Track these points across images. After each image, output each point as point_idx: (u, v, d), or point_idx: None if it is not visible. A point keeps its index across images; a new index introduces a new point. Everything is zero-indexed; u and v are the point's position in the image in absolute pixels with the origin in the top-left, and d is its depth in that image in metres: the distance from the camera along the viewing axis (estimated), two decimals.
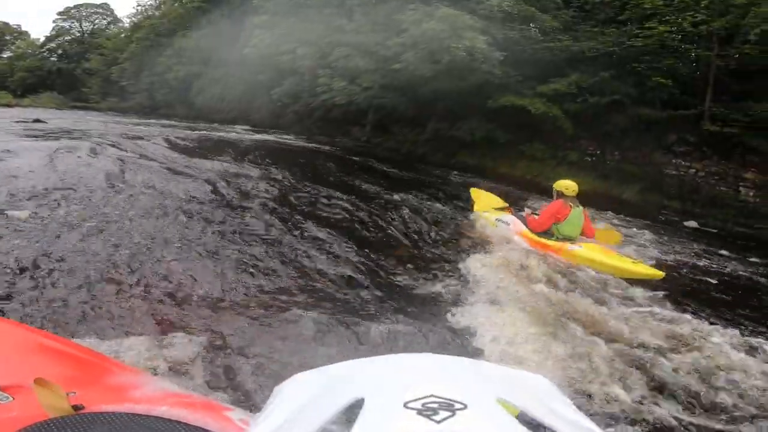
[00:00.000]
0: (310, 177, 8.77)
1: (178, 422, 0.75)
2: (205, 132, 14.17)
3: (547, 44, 12.21)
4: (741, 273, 6.01)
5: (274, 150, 12.38)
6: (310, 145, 15.06)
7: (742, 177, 10.59)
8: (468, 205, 7.32)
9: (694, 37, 10.63)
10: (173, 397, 0.82)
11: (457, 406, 0.41)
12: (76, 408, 0.77)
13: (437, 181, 11.08)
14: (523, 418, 0.42)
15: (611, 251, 4.92)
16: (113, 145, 8.59)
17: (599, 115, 11.66)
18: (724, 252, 7.22)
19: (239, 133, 16.68)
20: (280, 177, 8.04)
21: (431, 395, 0.43)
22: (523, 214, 5.78)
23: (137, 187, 5.97)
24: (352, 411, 0.43)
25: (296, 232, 5.10)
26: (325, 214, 6.10)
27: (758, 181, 10.38)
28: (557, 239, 5.11)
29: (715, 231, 9.88)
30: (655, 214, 10.52)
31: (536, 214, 5.63)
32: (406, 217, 6.43)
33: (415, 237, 5.73)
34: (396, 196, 7.89)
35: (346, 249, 4.81)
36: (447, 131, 13.88)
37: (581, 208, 5.14)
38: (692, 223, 10.28)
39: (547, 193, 8.62)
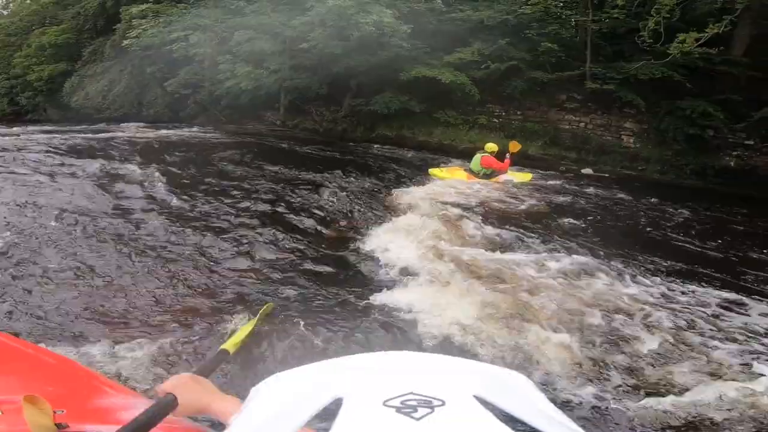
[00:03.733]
0: (217, 170, 7.97)
1: None
2: (85, 135, 12.01)
3: (450, 15, 12.95)
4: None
5: (172, 146, 10.87)
6: (216, 135, 13.98)
7: (622, 127, 12.29)
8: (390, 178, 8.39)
9: (573, 4, 11.90)
10: (163, 423, 0.76)
11: (436, 403, 0.41)
12: (59, 426, 0.77)
13: (360, 156, 11.20)
14: (500, 414, 0.42)
15: (453, 170, 8.42)
16: None
17: (501, 80, 12.72)
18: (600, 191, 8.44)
19: (129, 131, 14.74)
20: (181, 176, 7.20)
21: (410, 392, 0.43)
22: None
23: (8, 205, 5.04)
24: (331, 410, 0.43)
25: (208, 233, 4.57)
26: (239, 209, 5.53)
27: (636, 130, 12.13)
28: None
29: (606, 175, 11.36)
30: (556, 166, 11.80)
31: None
32: (332, 197, 6.16)
33: (341, 216, 5.59)
34: (318, 177, 7.58)
35: (267, 243, 4.39)
36: (364, 106, 14.10)
37: (482, 154, 8.14)
38: (588, 170, 11.71)
39: (463, 155, 10.47)
